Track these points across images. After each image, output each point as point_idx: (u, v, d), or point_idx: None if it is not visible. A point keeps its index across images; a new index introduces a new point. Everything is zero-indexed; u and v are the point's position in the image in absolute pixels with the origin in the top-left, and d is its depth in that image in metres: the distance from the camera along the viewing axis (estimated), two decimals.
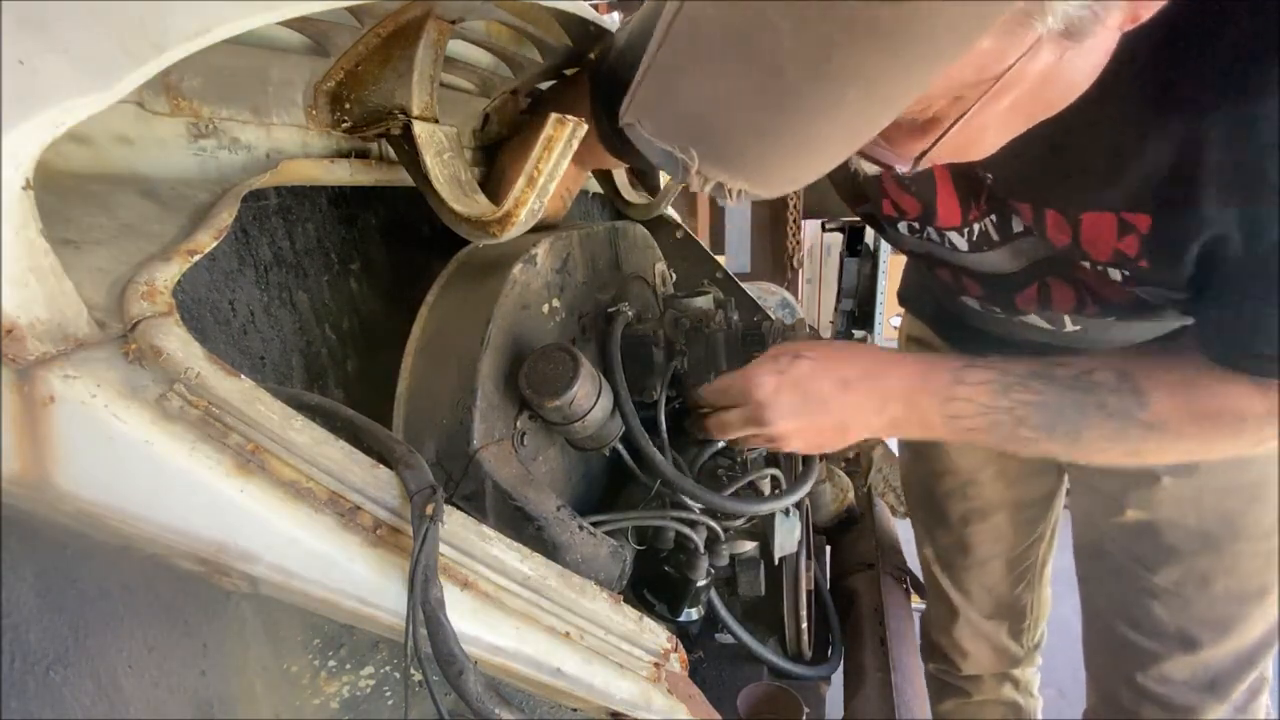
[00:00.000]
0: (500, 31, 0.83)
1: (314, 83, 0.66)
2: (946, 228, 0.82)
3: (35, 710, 0.40)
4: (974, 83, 0.46)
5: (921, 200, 0.81)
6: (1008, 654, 1.40)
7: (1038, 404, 0.71)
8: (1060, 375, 0.72)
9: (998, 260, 0.82)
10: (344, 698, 0.53)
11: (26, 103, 0.37)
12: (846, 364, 0.76)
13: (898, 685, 1.05)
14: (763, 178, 0.45)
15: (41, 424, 0.37)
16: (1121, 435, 0.70)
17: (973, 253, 0.83)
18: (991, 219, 0.78)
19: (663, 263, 1.25)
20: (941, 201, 0.80)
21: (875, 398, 0.75)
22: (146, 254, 0.46)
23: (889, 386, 0.75)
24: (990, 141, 0.55)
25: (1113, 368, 0.71)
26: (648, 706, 0.52)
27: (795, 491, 0.88)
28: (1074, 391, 0.71)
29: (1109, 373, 0.71)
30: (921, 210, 0.82)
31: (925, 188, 0.80)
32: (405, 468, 0.46)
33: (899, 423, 0.76)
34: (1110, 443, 0.70)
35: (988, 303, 0.94)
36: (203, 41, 0.42)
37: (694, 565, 0.89)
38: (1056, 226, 0.69)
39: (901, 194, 0.83)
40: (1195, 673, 1.04)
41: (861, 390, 0.75)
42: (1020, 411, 0.71)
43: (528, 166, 0.63)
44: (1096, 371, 0.71)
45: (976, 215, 0.79)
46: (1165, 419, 0.69)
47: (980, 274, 0.87)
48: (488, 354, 0.70)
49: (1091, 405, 0.70)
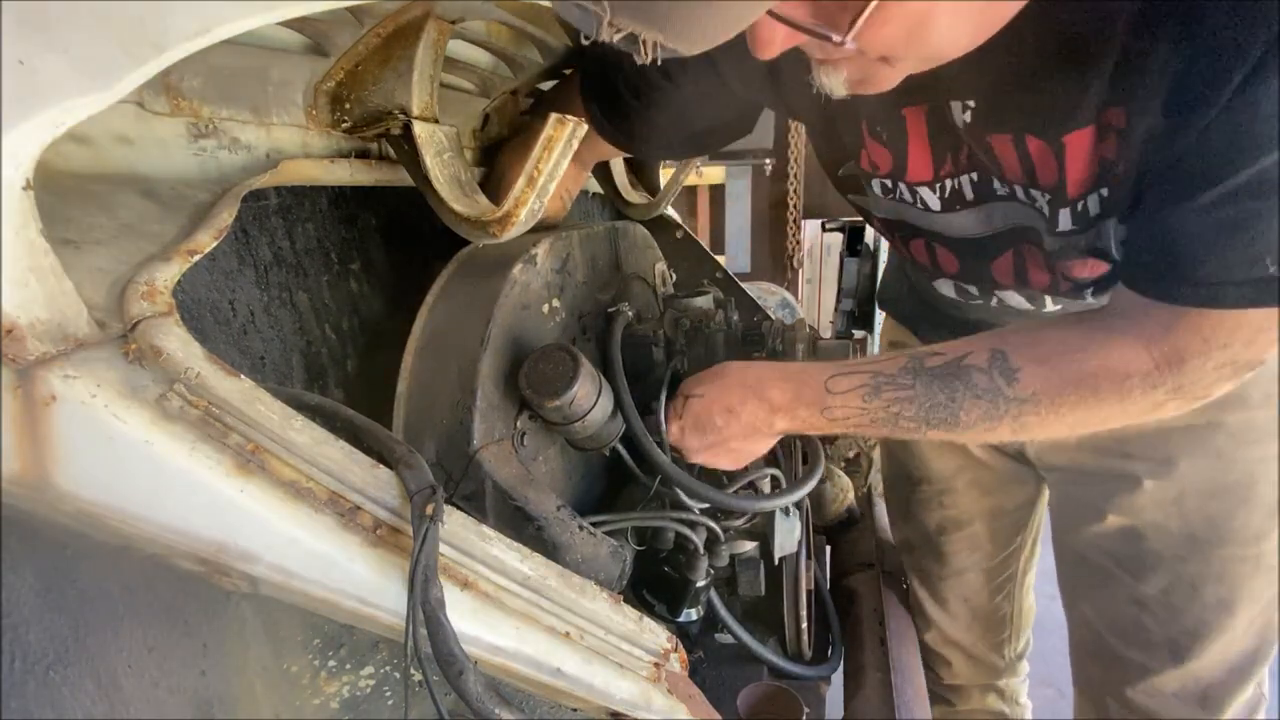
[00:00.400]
0: (500, 31, 0.83)
1: (314, 83, 0.66)
2: (917, 182, 0.83)
3: (35, 710, 0.40)
4: None
5: (893, 151, 0.82)
6: (989, 666, 1.38)
7: (908, 398, 0.73)
8: (931, 365, 0.74)
9: (969, 223, 0.83)
10: (344, 698, 0.53)
11: (26, 103, 0.37)
12: (729, 392, 0.81)
13: (898, 685, 1.05)
14: (677, 29, 0.44)
15: (41, 424, 0.37)
16: (996, 413, 0.71)
17: (944, 212, 0.84)
18: (971, 176, 0.79)
19: (663, 263, 1.25)
20: (913, 154, 0.80)
21: (761, 415, 0.79)
22: (146, 254, 0.46)
23: (770, 403, 0.79)
24: (946, 34, 0.54)
25: (988, 347, 0.72)
26: (648, 706, 0.52)
27: (798, 489, 0.87)
28: (943, 379, 0.72)
29: (983, 353, 0.72)
30: (893, 163, 0.83)
31: (896, 139, 0.80)
32: (405, 468, 0.46)
33: (791, 430, 0.81)
34: (989, 421, 0.72)
35: (964, 280, 0.94)
36: (203, 41, 0.42)
37: (693, 566, 0.89)
38: (1041, 158, 0.69)
39: (875, 145, 0.83)
40: (1185, 685, 1.01)
41: (746, 412, 0.79)
42: (894, 408, 0.74)
43: (528, 166, 0.63)
44: (970, 355, 0.73)
45: (950, 170, 0.80)
46: (1036, 390, 0.70)
47: (953, 241, 0.87)
48: (488, 354, 0.70)
49: (961, 389, 0.72)
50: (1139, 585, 1.01)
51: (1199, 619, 0.98)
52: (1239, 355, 0.64)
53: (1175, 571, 0.98)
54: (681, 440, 0.84)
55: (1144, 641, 1.02)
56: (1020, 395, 0.70)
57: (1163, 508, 0.97)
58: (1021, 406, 0.70)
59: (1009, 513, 1.25)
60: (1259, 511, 0.93)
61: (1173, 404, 0.68)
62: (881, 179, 0.86)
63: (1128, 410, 0.69)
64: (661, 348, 0.91)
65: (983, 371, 0.71)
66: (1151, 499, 0.97)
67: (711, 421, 0.81)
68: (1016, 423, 0.71)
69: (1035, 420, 0.71)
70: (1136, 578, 1.01)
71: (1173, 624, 1.00)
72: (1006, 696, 1.41)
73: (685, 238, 1.49)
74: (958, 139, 0.76)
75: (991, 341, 0.73)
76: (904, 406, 0.74)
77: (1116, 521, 1.01)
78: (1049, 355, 0.70)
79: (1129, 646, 1.04)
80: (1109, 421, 0.70)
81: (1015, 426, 0.72)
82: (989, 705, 1.41)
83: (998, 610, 1.33)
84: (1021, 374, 0.70)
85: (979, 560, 1.29)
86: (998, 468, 1.20)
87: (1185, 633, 0.99)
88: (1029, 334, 0.74)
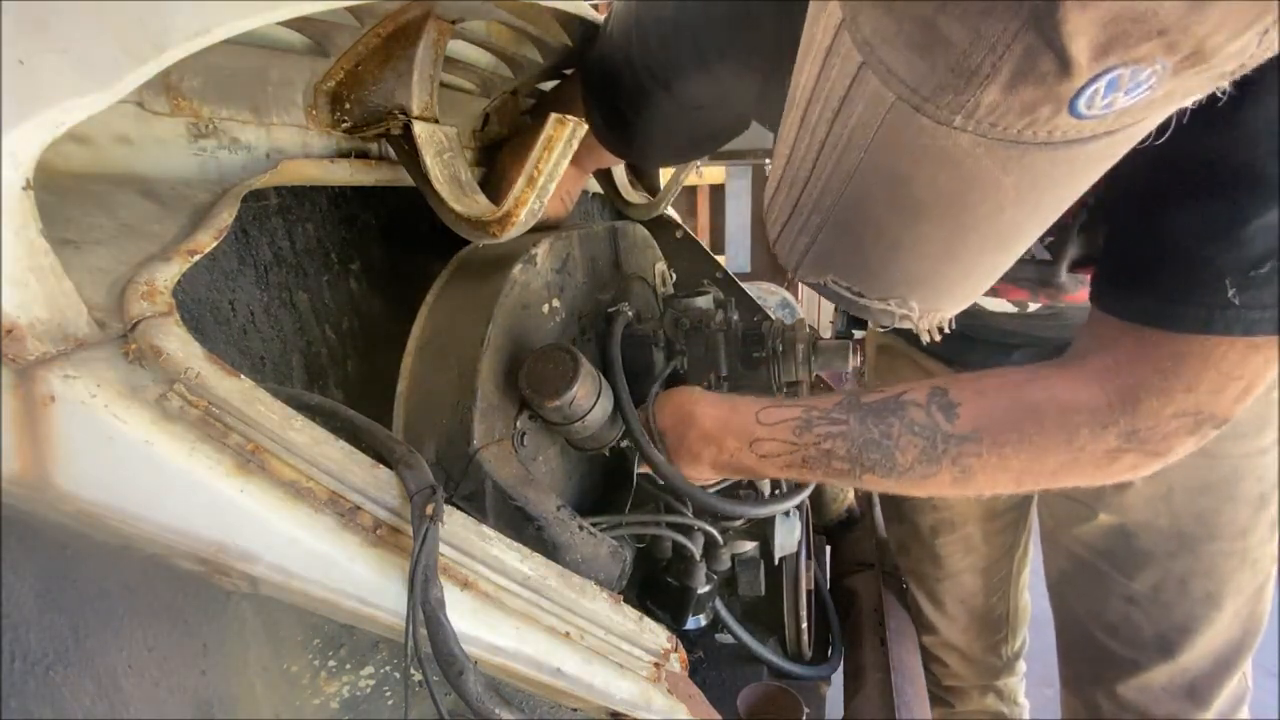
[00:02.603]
0: (500, 31, 0.83)
1: (314, 83, 0.66)
2: None
3: (35, 710, 0.40)
4: None
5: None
6: (986, 667, 1.38)
7: (840, 434, 0.68)
8: (868, 401, 0.70)
9: None
10: (344, 698, 0.53)
11: (26, 103, 0.37)
12: (664, 413, 0.79)
13: (898, 685, 1.05)
14: (963, 300, 0.52)
15: (41, 424, 0.37)
16: (934, 453, 0.65)
17: None
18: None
19: (663, 263, 1.25)
20: None
21: (691, 443, 0.77)
22: (146, 254, 0.46)
23: (699, 432, 0.76)
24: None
25: (929, 385, 0.68)
26: (648, 706, 0.52)
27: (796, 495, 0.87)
28: (878, 414, 0.68)
29: (922, 390, 0.68)
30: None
31: None
32: (405, 468, 0.46)
33: (719, 464, 0.77)
34: (927, 463, 0.66)
35: None
36: (203, 41, 0.42)
37: (692, 574, 0.89)
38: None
39: None
40: (1173, 679, 1.02)
41: (675, 437, 0.78)
42: (826, 445, 0.69)
43: (528, 166, 0.63)
44: (909, 391, 0.68)
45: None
46: (977, 425, 0.65)
47: None
48: (488, 354, 0.70)
49: (896, 425, 0.67)
50: (1129, 583, 1.02)
51: (1188, 614, 0.99)
52: (1203, 405, 0.60)
53: (1165, 568, 0.99)
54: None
55: (1133, 638, 1.03)
56: (960, 432, 0.65)
57: (1152, 505, 0.98)
58: (961, 445, 0.65)
59: (1001, 514, 1.26)
60: (1245, 506, 0.94)
61: (1129, 455, 0.62)
62: None
63: (1078, 457, 0.63)
64: (661, 348, 0.91)
65: (920, 407, 0.67)
66: (1141, 496, 0.98)
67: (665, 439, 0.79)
68: (956, 465, 0.66)
69: (976, 462, 0.65)
70: (1126, 575, 1.02)
71: (1162, 620, 1.01)
72: (1004, 696, 1.41)
73: (685, 238, 1.49)
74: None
75: (935, 381, 0.70)
76: (836, 443, 0.69)
77: (1106, 519, 1.02)
78: (991, 388, 0.67)
79: (1118, 643, 1.05)
80: (1059, 472, 0.65)
81: (955, 472, 0.66)
82: (987, 705, 1.41)
83: (994, 611, 1.34)
84: (961, 409, 0.66)
85: (974, 562, 1.29)
86: None
87: (1174, 628, 1.00)
88: (975, 375, 0.70)
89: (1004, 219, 0.44)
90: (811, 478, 0.73)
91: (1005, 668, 1.39)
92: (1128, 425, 0.61)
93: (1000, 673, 1.39)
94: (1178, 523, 0.97)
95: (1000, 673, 1.39)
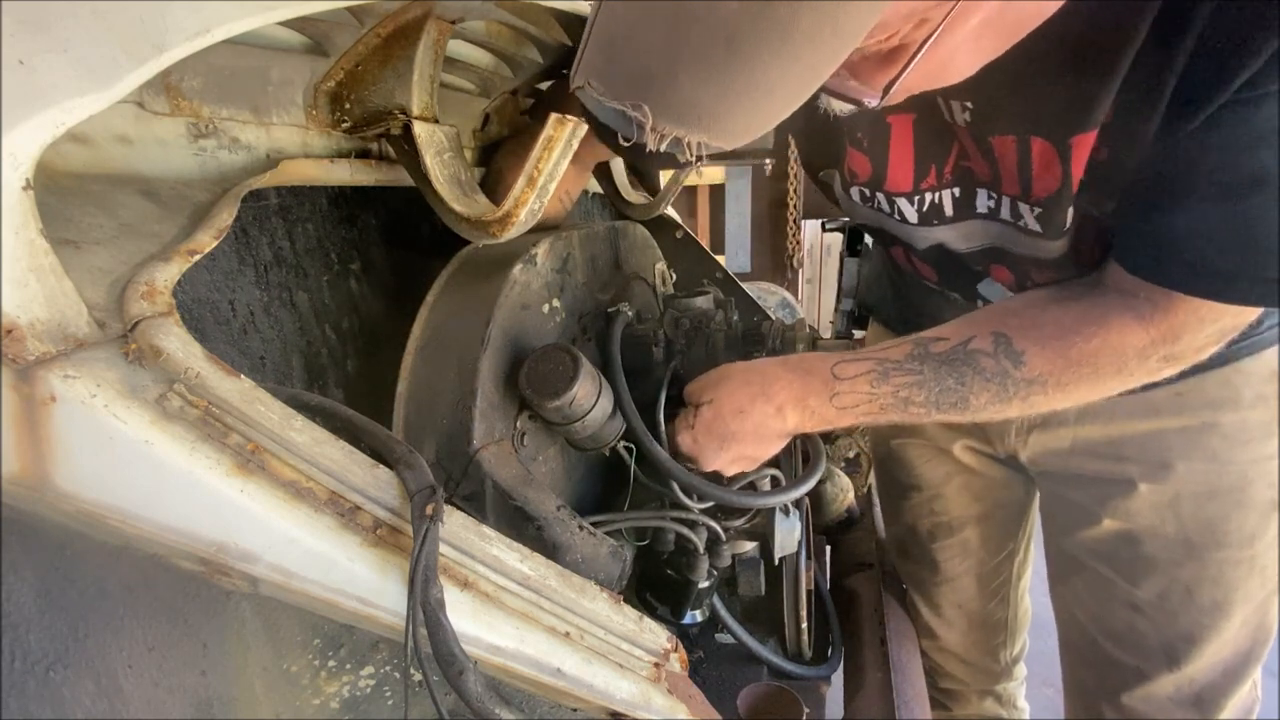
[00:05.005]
0: (500, 31, 0.83)
1: (314, 83, 0.66)
2: (895, 193, 0.83)
3: (35, 710, 0.40)
4: (937, 3, 0.45)
5: (872, 160, 0.81)
6: (985, 671, 1.37)
7: (917, 383, 0.75)
8: (937, 351, 0.76)
9: (946, 238, 0.84)
10: (344, 698, 0.53)
11: (26, 103, 0.37)
12: (737, 393, 0.81)
13: (898, 685, 1.05)
14: (720, 127, 0.44)
15: (41, 424, 0.37)
16: (1006, 395, 0.74)
17: (921, 225, 0.84)
18: (953, 191, 0.79)
19: (663, 263, 1.25)
20: (893, 164, 0.80)
21: (770, 412, 0.79)
22: (146, 254, 0.46)
23: (778, 399, 0.79)
24: (963, 64, 0.54)
25: (990, 332, 0.75)
26: (648, 706, 0.52)
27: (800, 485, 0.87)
28: (951, 364, 0.75)
29: (986, 339, 0.74)
30: (872, 172, 0.82)
31: (878, 147, 0.80)
32: (405, 468, 0.46)
33: (803, 423, 0.81)
34: (999, 403, 0.74)
35: (945, 288, 0.96)
36: (203, 41, 0.42)
37: (694, 567, 0.89)
38: (1044, 161, 0.70)
39: (854, 152, 0.83)
40: (1180, 688, 1.00)
41: (757, 411, 0.80)
42: (904, 393, 0.76)
43: (528, 166, 0.63)
44: (974, 340, 0.75)
45: (932, 184, 0.80)
46: (1043, 372, 0.72)
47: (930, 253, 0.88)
48: (488, 354, 0.70)
49: (970, 373, 0.74)
50: (1134, 590, 1.00)
51: (1195, 622, 0.97)
52: (1229, 324, 0.68)
53: (1171, 575, 0.97)
54: (696, 449, 0.83)
55: (1139, 646, 1.02)
56: (1028, 377, 0.73)
57: (1158, 511, 0.96)
58: (1030, 388, 0.73)
59: (1000, 518, 1.25)
60: (1254, 513, 0.93)
61: (1166, 369, 0.71)
62: (860, 186, 0.86)
63: (1126, 381, 0.72)
64: (661, 348, 0.91)
65: (989, 356, 0.74)
66: (1147, 502, 0.96)
67: (726, 427, 0.80)
68: (1025, 402, 0.74)
69: (1042, 399, 0.73)
70: (1131, 582, 1.00)
71: (1168, 628, 0.99)
72: (1004, 700, 1.41)
73: (685, 238, 1.49)
74: (944, 149, 0.75)
75: (991, 324, 0.75)
76: (913, 391, 0.75)
77: (1111, 525, 1.00)
78: (1051, 338, 0.72)
79: (1123, 651, 1.03)
80: (1109, 392, 0.74)
81: (1024, 406, 0.74)
82: (986, 710, 1.40)
83: (992, 615, 1.33)
84: (1027, 357, 0.72)
85: (972, 566, 1.28)
86: (987, 474, 1.19)
87: (1181, 637, 0.98)
88: (1027, 315, 0.75)
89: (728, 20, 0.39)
90: (887, 419, 0.79)
91: (1004, 672, 1.38)
92: (1168, 352, 0.70)
93: (999, 677, 1.38)
94: (1184, 529, 0.95)
95: (999, 677, 1.38)
